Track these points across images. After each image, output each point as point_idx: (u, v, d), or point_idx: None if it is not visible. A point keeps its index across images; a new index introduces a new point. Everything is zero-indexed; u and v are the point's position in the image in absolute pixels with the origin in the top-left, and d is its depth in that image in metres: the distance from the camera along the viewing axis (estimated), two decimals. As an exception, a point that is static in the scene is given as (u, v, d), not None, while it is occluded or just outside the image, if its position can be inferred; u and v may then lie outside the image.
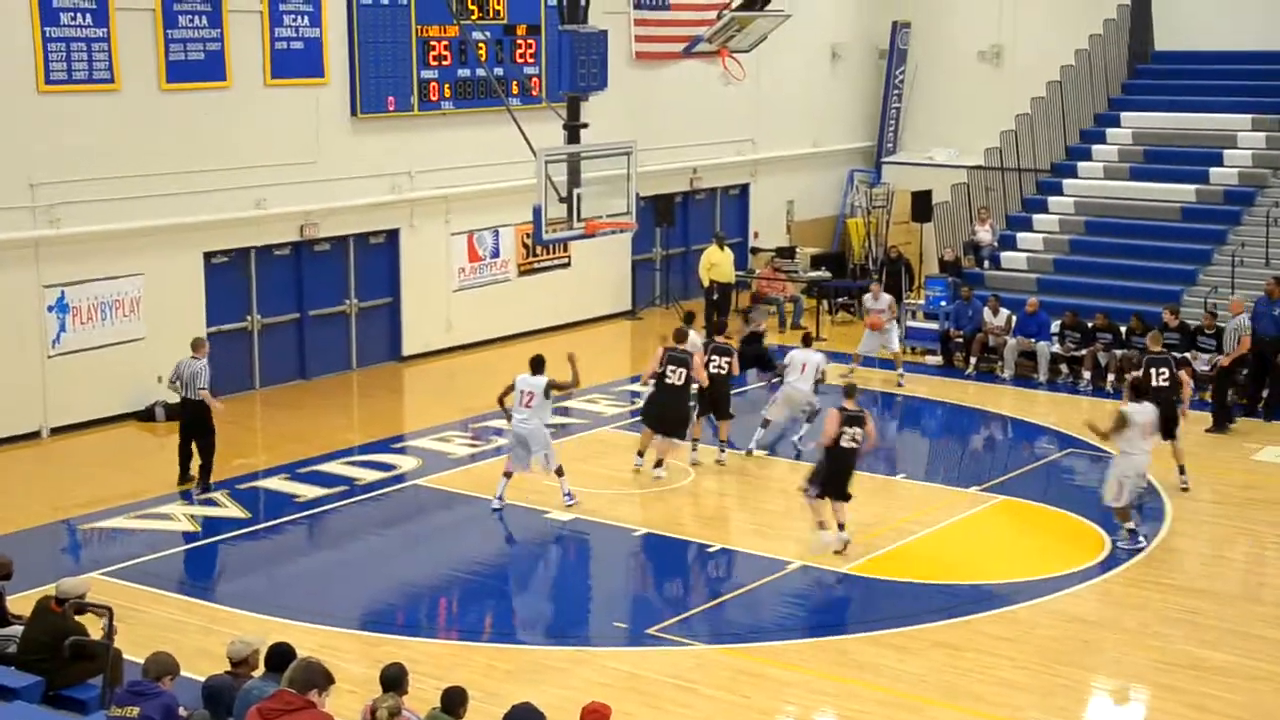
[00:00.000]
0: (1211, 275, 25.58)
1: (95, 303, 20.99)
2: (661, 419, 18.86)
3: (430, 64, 24.66)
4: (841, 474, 16.36)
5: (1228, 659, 13.83)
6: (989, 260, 28.02)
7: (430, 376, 24.87)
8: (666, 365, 18.63)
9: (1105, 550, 16.66)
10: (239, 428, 21.64)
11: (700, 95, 29.74)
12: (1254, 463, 20.06)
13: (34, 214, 20.18)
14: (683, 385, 18.63)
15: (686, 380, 18.64)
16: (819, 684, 13.28)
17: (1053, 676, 13.43)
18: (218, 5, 21.74)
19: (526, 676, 13.33)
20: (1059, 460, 20.44)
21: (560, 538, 17.31)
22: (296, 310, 23.97)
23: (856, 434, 16.22)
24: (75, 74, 20.36)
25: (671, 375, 18.59)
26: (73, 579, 12.16)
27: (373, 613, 14.97)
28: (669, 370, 18.61)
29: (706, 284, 27.91)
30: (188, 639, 13.72)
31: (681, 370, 18.57)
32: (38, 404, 20.52)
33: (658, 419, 18.95)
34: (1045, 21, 32.00)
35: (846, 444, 16.24)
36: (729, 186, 31.91)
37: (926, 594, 15.44)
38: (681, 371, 18.57)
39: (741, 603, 15.32)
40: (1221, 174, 27.55)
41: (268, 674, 10.10)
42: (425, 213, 25.26)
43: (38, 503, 18.14)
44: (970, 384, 24.51)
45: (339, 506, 18.13)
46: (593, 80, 20.33)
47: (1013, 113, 30.65)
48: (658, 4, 28.90)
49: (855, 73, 34.35)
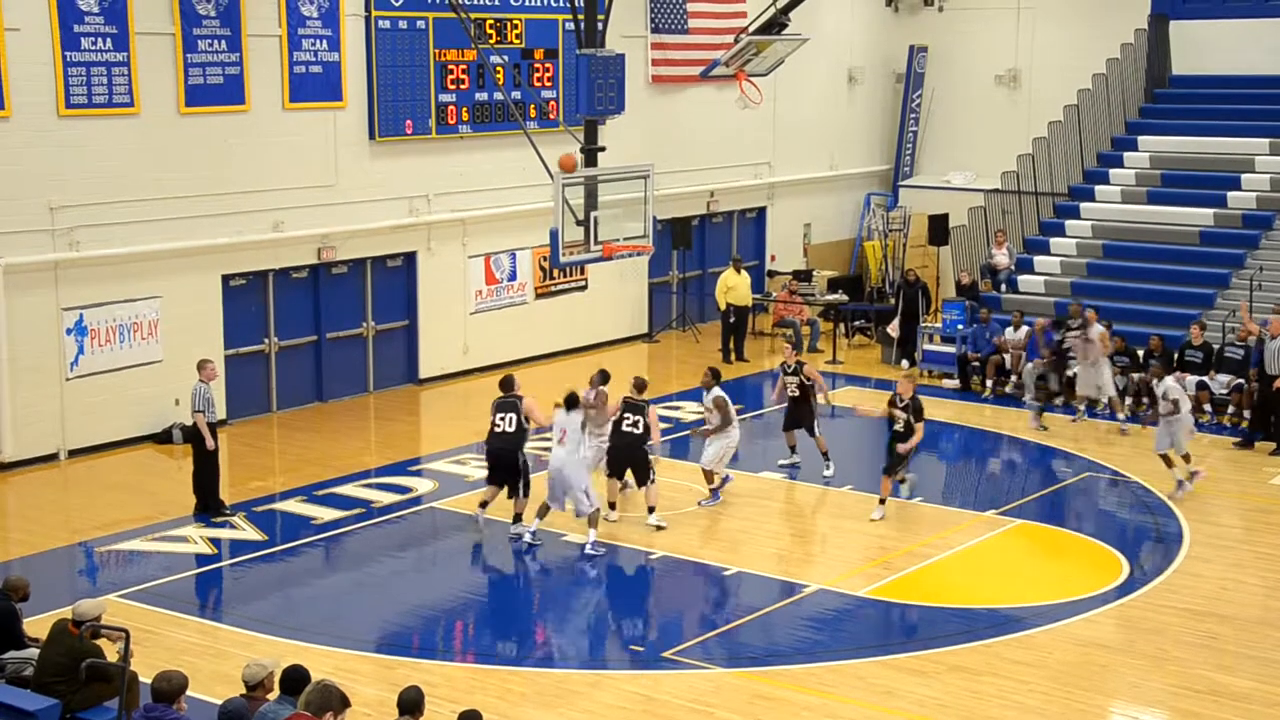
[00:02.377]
0: (1229, 298, 25.54)
1: (114, 325, 21.06)
2: (620, 466, 18.38)
3: (448, 88, 24.74)
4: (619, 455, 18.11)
5: (1246, 684, 13.76)
6: (1006, 284, 27.99)
7: (447, 399, 24.89)
8: (624, 413, 18.21)
9: (1123, 574, 16.61)
10: (256, 450, 21.72)
11: (717, 119, 29.80)
12: (1273, 487, 20.00)
13: (53, 237, 20.27)
14: (641, 433, 18.14)
15: (644, 429, 18.15)
16: (836, 708, 13.23)
17: (1070, 701, 13.37)
18: (237, 30, 21.85)
19: (543, 700, 13.31)
20: (1076, 484, 20.38)
21: (577, 561, 17.29)
22: (314, 333, 24.03)
23: (638, 421, 17.95)
24: (95, 98, 20.47)
25: (628, 423, 18.18)
26: (90, 601, 12.17)
27: (389, 635, 14.96)
28: (625, 418, 18.19)
29: (723, 307, 27.92)
30: (203, 662, 13.73)
31: (639, 419, 18.14)
32: (56, 426, 20.58)
33: (619, 468, 18.43)
34: (1062, 46, 32.03)
35: (627, 428, 18.01)
36: (746, 210, 31.93)
37: (944, 618, 15.39)
38: (639, 420, 18.13)
39: (758, 626, 15.29)
40: (1239, 198, 27.50)
41: (283, 697, 10.09)
42: (442, 236, 25.32)
43: (55, 525, 18.20)
44: (988, 407, 24.48)
45: (356, 529, 18.15)
46: (610, 104, 20.41)
47: (1030, 137, 30.67)
48: (675, 28, 28.97)
49: (872, 96, 34.40)
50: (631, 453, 18.17)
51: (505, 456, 17.72)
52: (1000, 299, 27.39)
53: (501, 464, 17.77)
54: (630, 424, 18.07)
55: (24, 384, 20.17)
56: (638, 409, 18.16)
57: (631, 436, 18.09)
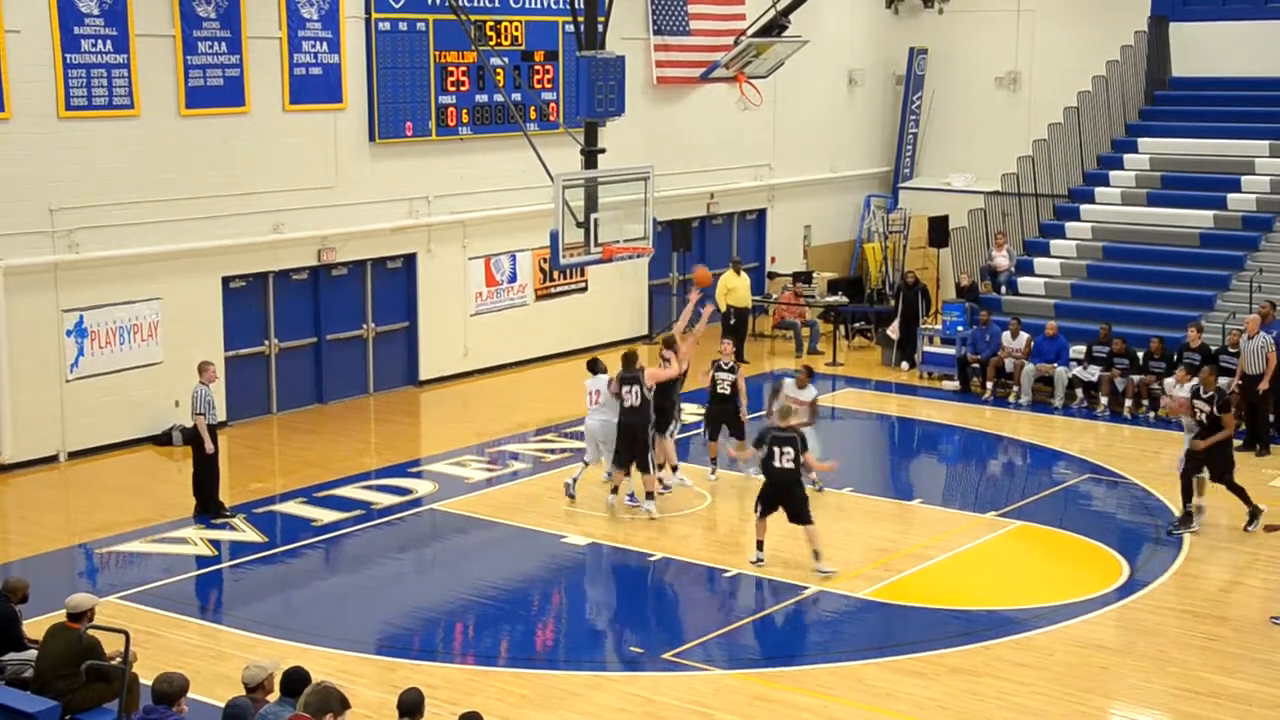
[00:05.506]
0: (1229, 301, 25.54)
1: (113, 327, 21.06)
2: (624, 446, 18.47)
3: (448, 90, 24.75)
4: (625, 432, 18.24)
5: (1246, 686, 13.75)
6: (1006, 285, 27.99)
7: (446, 401, 24.90)
8: (621, 388, 18.29)
9: (1123, 576, 16.61)
10: (256, 452, 21.72)
11: (718, 120, 29.81)
12: (1271, 489, 19.98)
13: (53, 238, 20.27)
14: (639, 405, 18.20)
15: (642, 400, 18.20)
16: (836, 710, 13.23)
17: (1071, 703, 13.36)
18: (237, 31, 21.86)
19: (543, 701, 13.31)
20: (1077, 485, 20.38)
21: (576, 562, 17.30)
22: (314, 335, 24.03)
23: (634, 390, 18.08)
24: (95, 100, 20.48)
25: (628, 397, 18.22)
26: (80, 595, 12.08)
27: (389, 637, 14.97)
28: (625, 392, 18.24)
29: (723, 309, 27.92)
30: (204, 663, 13.73)
31: (635, 389, 18.18)
32: (56, 428, 20.59)
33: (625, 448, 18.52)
34: (1062, 48, 32.03)
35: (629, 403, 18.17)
36: (746, 211, 31.94)
37: (944, 620, 15.38)
38: (636, 390, 18.17)
39: (758, 628, 15.30)
40: (1239, 200, 27.50)
41: (283, 699, 10.09)
42: (442, 237, 25.33)
43: (55, 527, 18.20)
44: (987, 409, 24.49)
45: (355, 531, 18.15)
46: (610, 106, 20.43)
47: (1030, 139, 30.68)
48: (676, 30, 28.97)
49: (872, 98, 34.41)
50: (632, 432, 18.25)
51: (635, 430, 18.17)
52: (1000, 301, 27.39)
53: (629, 436, 18.22)
54: (630, 397, 18.21)
55: (24, 386, 20.17)
56: (633, 380, 18.26)
57: (632, 410, 18.20)
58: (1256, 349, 21.83)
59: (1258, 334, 21.93)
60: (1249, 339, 21.92)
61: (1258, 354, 21.81)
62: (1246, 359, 21.89)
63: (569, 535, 17.79)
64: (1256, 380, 21.70)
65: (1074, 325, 25.45)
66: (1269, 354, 21.76)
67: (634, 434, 18.22)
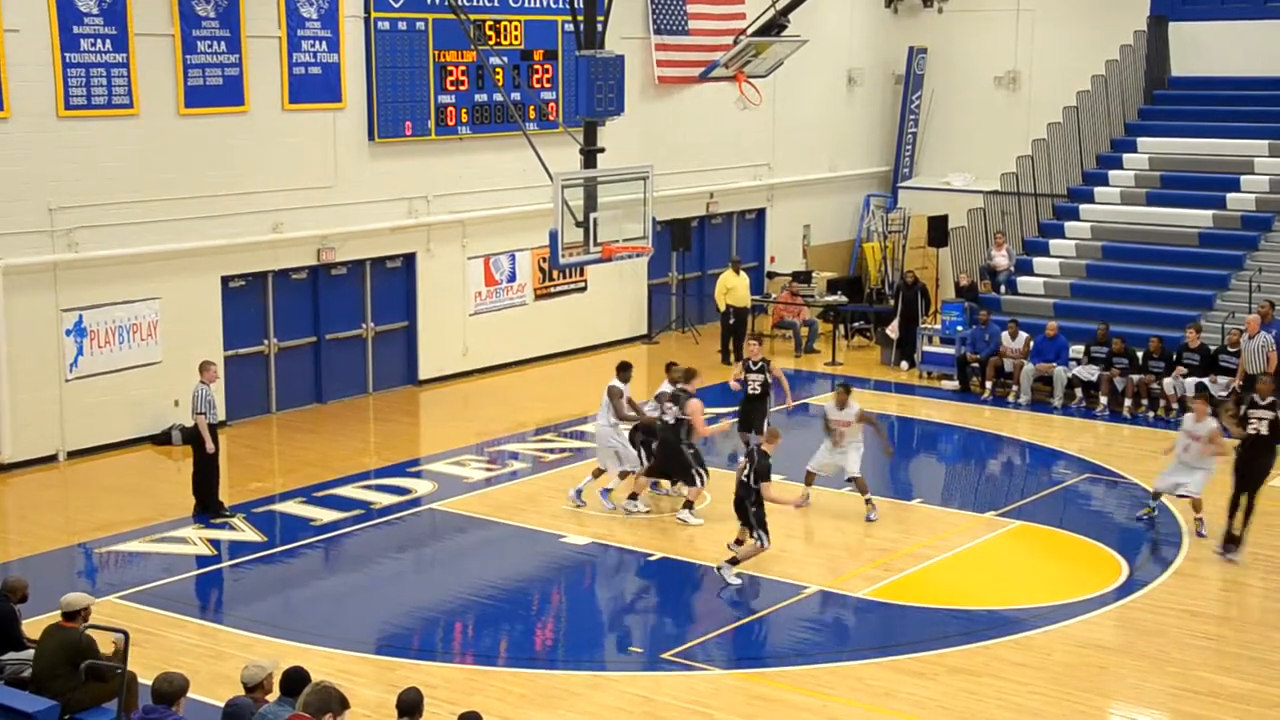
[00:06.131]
0: (1229, 300, 25.55)
1: (113, 326, 21.06)
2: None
3: (448, 89, 24.74)
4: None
5: (1246, 685, 13.75)
6: (1005, 285, 27.99)
7: (446, 401, 24.90)
8: (664, 403, 18.43)
9: (1122, 576, 16.61)
10: (255, 451, 21.72)
11: (717, 120, 29.81)
12: (1270, 488, 19.95)
13: (53, 238, 20.27)
14: (675, 424, 18.28)
15: (677, 420, 18.30)
16: (836, 710, 13.23)
17: (1070, 703, 13.36)
18: (236, 31, 21.86)
19: (542, 701, 13.31)
20: (1076, 485, 20.39)
21: (575, 562, 17.30)
22: (313, 334, 24.03)
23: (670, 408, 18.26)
24: (95, 99, 20.47)
25: (668, 414, 18.33)
26: (74, 594, 12.10)
27: (388, 637, 14.97)
28: (666, 408, 18.38)
29: (723, 308, 27.93)
30: (203, 663, 13.73)
31: (675, 408, 18.28)
32: (55, 428, 20.58)
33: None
34: (1062, 48, 32.04)
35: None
36: (745, 211, 31.94)
37: (943, 619, 15.38)
38: (675, 409, 18.28)
39: (758, 627, 15.30)
40: (1238, 199, 27.51)
41: (282, 698, 10.10)
42: (442, 237, 25.33)
43: (54, 526, 18.20)
44: (986, 409, 24.49)
45: (355, 530, 18.15)
46: (609, 105, 20.41)
47: (1029, 138, 30.68)
48: (675, 29, 28.97)
49: (872, 98, 34.41)
50: (667, 448, 18.36)
51: (672, 446, 18.30)
52: (1000, 300, 27.39)
53: (670, 454, 18.34)
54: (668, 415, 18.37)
55: (23, 385, 20.17)
56: (675, 399, 18.40)
57: (665, 428, 18.34)
58: (1257, 348, 21.83)
59: (1258, 333, 21.94)
60: (1249, 339, 21.93)
61: (1258, 353, 21.82)
62: (1247, 359, 21.90)
63: (568, 535, 17.79)
64: (1254, 379, 21.68)
65: (1073, 325, 25.46)
66: (1270, 353, 21.78)
67: (672, 450, 18.29)
